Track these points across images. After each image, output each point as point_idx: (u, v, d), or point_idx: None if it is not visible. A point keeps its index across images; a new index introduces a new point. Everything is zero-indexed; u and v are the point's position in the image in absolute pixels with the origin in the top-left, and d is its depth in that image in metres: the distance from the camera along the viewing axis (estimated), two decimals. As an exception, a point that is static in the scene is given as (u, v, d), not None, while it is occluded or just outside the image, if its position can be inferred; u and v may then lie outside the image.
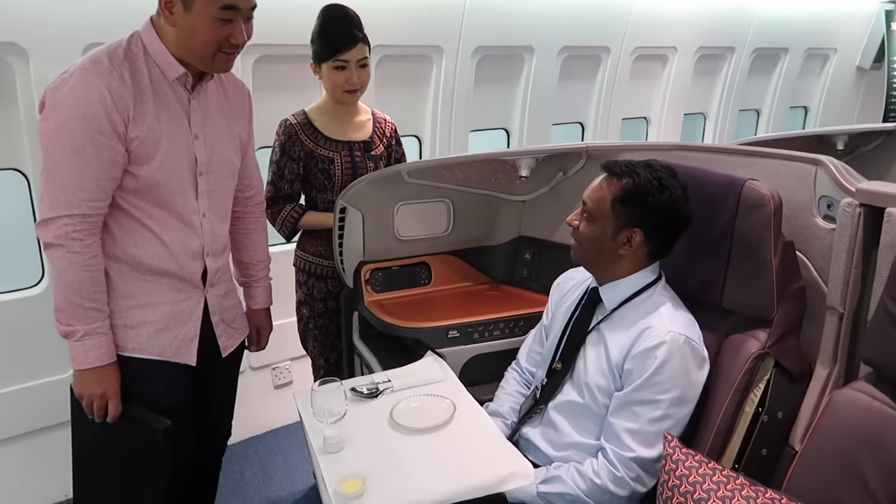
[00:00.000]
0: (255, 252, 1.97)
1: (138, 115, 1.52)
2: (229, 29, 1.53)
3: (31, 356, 2.53)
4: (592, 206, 1.57)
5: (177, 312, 1.69)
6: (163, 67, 1.57)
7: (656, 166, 1.56)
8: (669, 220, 1.55)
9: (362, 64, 2.13)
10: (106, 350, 1.59)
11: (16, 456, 2.56)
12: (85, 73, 1.49)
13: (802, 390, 1.53)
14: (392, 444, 1.56)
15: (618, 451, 1.50)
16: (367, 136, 2.25)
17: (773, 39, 4.83)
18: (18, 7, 2.21)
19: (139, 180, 1.57)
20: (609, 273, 1.62)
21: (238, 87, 1.81)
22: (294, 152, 2.19)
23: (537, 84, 3.75)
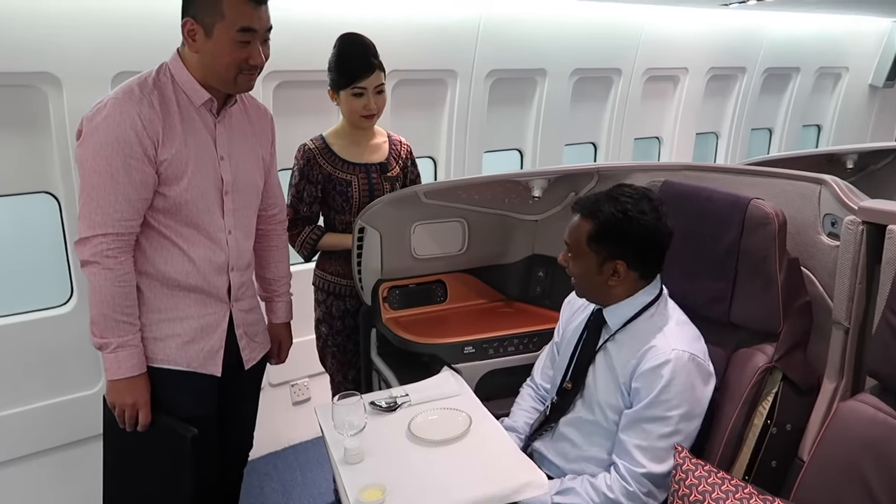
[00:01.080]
0: (277, 268, 2.05)
1: (167, 138, 1.62)
2: (248, 51, 1.62)
3: (60, 373, 2.61)
4: (571, 245, 1.63)
5: (203, 325, 1.77)
6: (189, 94, 1.67)
7: (621, 197, 1.58)
8: (646, 244, 1.58)
9: (379, 90, 2.20)
10: (137, 361, 1.67)
11: (46, 469, 2.63)
12: (118, 101, 1.59)
13: (810, 403, 1.57)
14: (410, 455, 1.61)
15: (629, 466, 1.53)
16: (383, 158, 2.32)
17: (784, 59, 4.88)
18: (53, 38, 2.32)
19: (169, 200, 1.66)
20: (607, 301, 1.66)
21: (261, 111, 1.90)
22: (312, 176, 2.26)
23: (550, 105, 3.83)
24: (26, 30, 2.28)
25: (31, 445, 2.59)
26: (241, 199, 1.80)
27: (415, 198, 2.20)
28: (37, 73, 2.35)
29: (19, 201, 2.56)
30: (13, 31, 2.25)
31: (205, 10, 1.58)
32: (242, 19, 1.58)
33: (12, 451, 2.56)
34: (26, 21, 2.27)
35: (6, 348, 2.50)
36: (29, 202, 2.60)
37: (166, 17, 2.46)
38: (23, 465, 2.59)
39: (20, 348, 2.53)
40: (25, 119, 2.43)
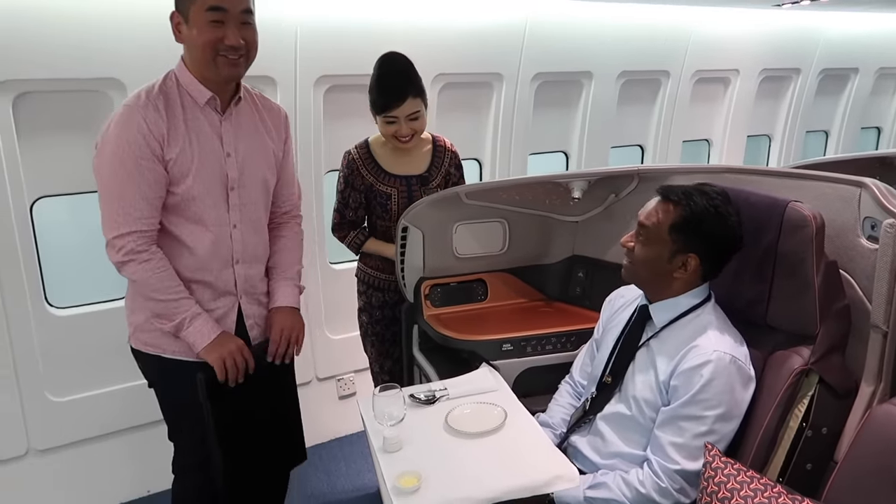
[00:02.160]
0: (281, 257, 2.02)
1: (171, 139, 1.71)
2: (222, 31, 1.66)
3: (121, 362, 2.76)
4: (649, 230, 1.63)
5: (214, 318, 1.84)
6: (193, 94, 1.75)
7: (711, 193, 1.61)
8: (724, 245, 1.61)
9: (413, 118, 2.23)
10: (212, 323, 1.79)
11: (105, 452, 2.80)
12: (126, 108, 1.71)
13: (847, 406, 1.56)
14: (446, 446, 1.67)
15: (663, 463, 1.56)
16: (424, 169, 2.37)
17: (841, 60, 4.75)
18: (117, 46, 2.48)
19: (176, 197, 1.75)
20: (660, 292, 1.68)
21: (274, 110, 1.96)
22: (356, 184, 2.35)
23: (596, 108, 3.83)
24: (94, 38, 2.43)
25: (104, 426, 2.77)
26: (247, 195, 1.85)
27: (457, 198, 2.27)
28: (104, 78, 2.51)
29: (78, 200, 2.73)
30: (84, 39, 2.41)
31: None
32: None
33: (79, 433, 2.73)
34: (94, 30, 2.43)
35: (76, 337, 2.67)
36: (88, 201, 2.77)
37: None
38: (95, 444, 2.77)
39: (88, 337, 2.70)
40: (92, 122, 2.58)
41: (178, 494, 2.02)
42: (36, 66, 2.37)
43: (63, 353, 2.66)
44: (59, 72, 2.42)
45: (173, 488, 2.02)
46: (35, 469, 2.68)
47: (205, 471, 1.92)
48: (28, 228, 2.53)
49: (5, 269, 2.48)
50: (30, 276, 2.54)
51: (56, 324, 2.64)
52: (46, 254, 2.64)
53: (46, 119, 2.51)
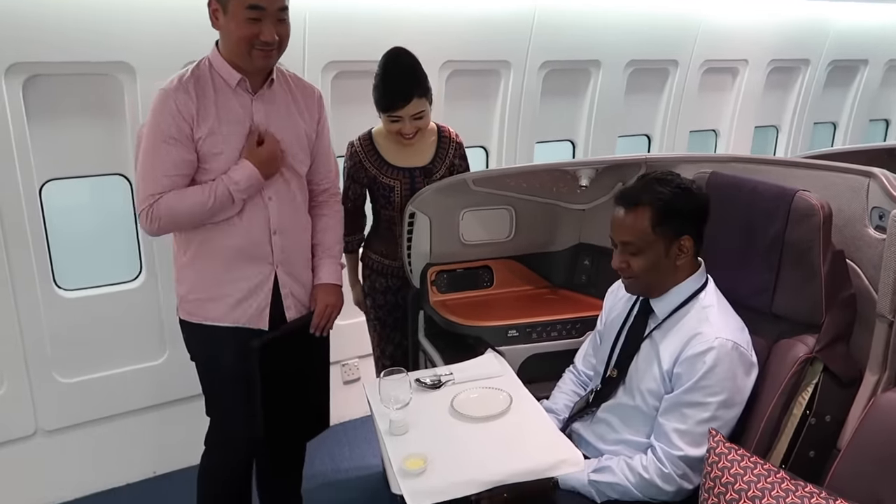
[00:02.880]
0: (325, 235, 2.10)
1: (202, 119, 1.80)
2: (259, 27, 1.73)
3: (128, 344, 2.80)
4: (634, 241, 1.62)
5: (251, 286, 1.92)
6: (224, 77, 1.83)
7: (662, 177, 1.62)
8: (702, 213, 1.63)
9: (417, 117, 2.22)
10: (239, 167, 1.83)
11: (112, 433, 2.83)
12: (161, 93, 1.81)
13: (851, 395, 1.57)
14: (452, 430, 1.69)
15: (667, 449, 1.57)
16: (427, 160, 2.36)
17: (850, 51, 4.72)
18: (128, 30, 2.48)
19: (211, 174, 1.83)
20: (667, 287, 1.68)
21: (307, 90, 2.02)
22: (358, 177, 2.36)
23: (604, 97, 3.82)
24: (105, 22, 2.44)
25: (111, 408, 2.80)
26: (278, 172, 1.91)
27: (464, 185, 2.27)
28: (114, 62, 2.51)
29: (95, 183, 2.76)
30: (94, 23, 2.42)
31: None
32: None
33: (86, 414, 2.76)
34: (105, 13, 2.43)
35: (84, 319, 2.70)
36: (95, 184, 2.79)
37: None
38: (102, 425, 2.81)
39: (96, 319, 2.72)
40: (102, 106, 2.60)
41: (207, 468, 2.08)
42: (46, 48, 2.38)
43: (71, 335, 2.68)
44: (69, 55, 2.42)
45: (202, 461, 2.08)
46: (43, 449, 2.71)
47: (232, 446, 2.00)
48: (37, 211, 2.55)
49: (14, 251, 2.50)
50: (38, 259, 2.56)
51: (64, 306, 2.66)
52: (55, 236, 2.66)
53: (56, 102, 2.51)
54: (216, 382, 1.98)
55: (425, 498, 1.45)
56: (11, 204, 2.45)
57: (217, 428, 2.03)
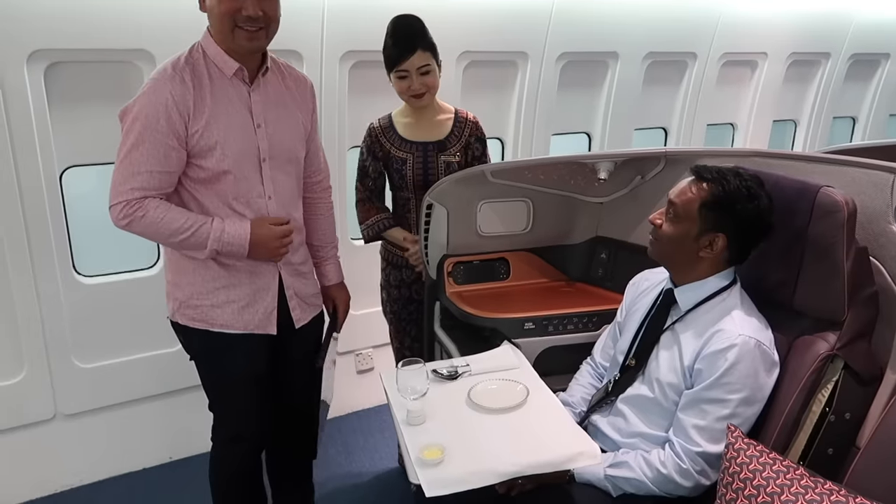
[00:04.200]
0: (324, 235, 2.12)
1: (197, 111, 1.71)
2: (240, 2, 1.65)
3: (146, 330, 2.82)
4: (680, 207, 1.63)
5: (255, 290, 1.88)
6: (220, 66, 1.75)
7: (745, 175, 1.61)
8: (753, 228, 1.61)
9: (423, 71, 2.24)
10: (238, 224, 1.77)
11: (129, 419, 2.86)
12: (153, 82, 1.71)
13: (872, 393, 1.56)
14: (469, 421, 1.69)
15: (685, 444, 1.57)
16: (442, 136, 2.37)
17: (872, 45, 4.67)
18: (148, 17, 2.49)
19: (207, 171, 1.75)
20: (685, 273, 1.68)
21: (300, 80, 1.95)
22: (376, 153, 2.38)
23: (621, 89, 3.80)
24: (126, 10, 2.45)
25: (129, 393, 2.84)
26: (277, 165, 1.85)
27: (482, 176, 2.27)
28: (134, 49, 2.53)
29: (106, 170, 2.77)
30: (114, 11, 2.43)
31: None
32: None
33: (105, 399, 2.79)
34: (125, 2, 2.44)
35: (102, 305, 2.72)
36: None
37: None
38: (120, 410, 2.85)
39: (114, 305, 2.75)
40: (121, 93, 2.60)
41: (216, 463, 2.07)
42: (68, 36, 2.39)
43: (90, 321, 2.72)
44: (90, 42, 2.44)
45: (211, 456, 2.07)
46: (61, 433, 2.75)
47: (243, 442, 2.00)
48: (58, 197, 2.57)
49: (35, 238, 2.52)
50: (59, 245, 2.59)
51: (84, 292, 2.69)
52: (74, 223, 2.68)
53: (76, 89, 2.53)
54: (226, 385, 1.95)
55: (442, 487, 1.45)
56: (33, 190, 2.48)
57: (224, 424, 2.01)
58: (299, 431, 2.17)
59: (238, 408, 1.97)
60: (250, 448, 2.03)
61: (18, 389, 2.62)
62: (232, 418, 1.99)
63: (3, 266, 2.51)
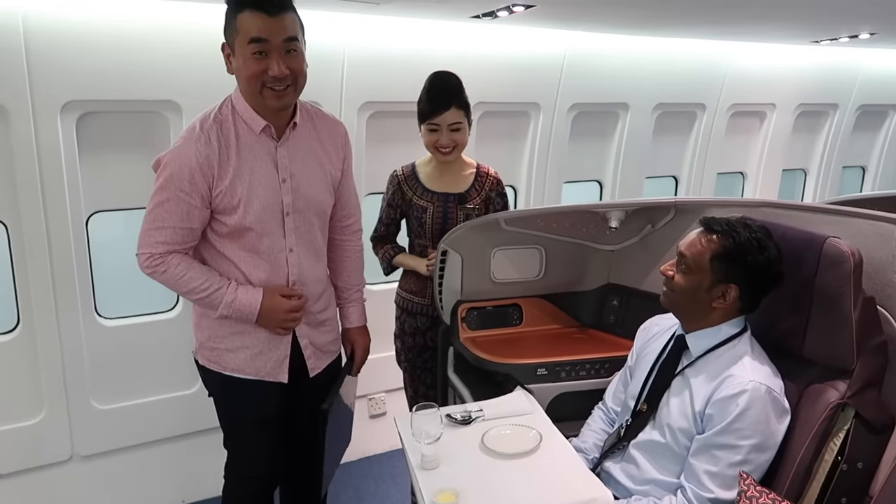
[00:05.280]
0: (350, 277, 2.15)
1: (222, 171, 1.75)
2: (266, 63, 1.67)
3: (163, 372, 2.87)
4: (691, 260, 1.66)
5: (269, 338, 1.91)
6: (248, 122, 1.78)
7: (753, 226, 1.65)
8: (764, 278, 1.64)
9: (454, 128, 2.31)
10: (251, 293, 1.83)
11: (144, 460, 2.89)
12: (183, 140, 1.77)
13: (884, 442, 1.56)
14: (482, 466, 1.71)
15: (697, 491, 1.57)
16: (463, 189, 2.43)
17: (880, 96, 4.75)
18: (176, 70, 2.62)
19: (229, 227, 1.80)
20: (698, 322, 1.71)
21: (331, 124, 1.97)
22: (394, 201, 2.46)
23: (631, 138, 3.89)
24: (155, 63, 2.58)
25: (145, 435, 2.88)
26: (301, 218, 1.88)
27: (496, 224, 2.32)
28: (163, 100, 2.64)
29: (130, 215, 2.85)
30: (144, 63, 2.56)
31: (228, 31, 1.70)
32: (252, 30, 1.65)
33: (121, 440, 2.82)
34: (156, 54, 2.57)
35: (122, 347, 2.78)
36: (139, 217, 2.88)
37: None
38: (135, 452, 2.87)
39: (133, 348, 2.80)
40: (149, 141, 2.72)
41: (229, 500, 2.09)
42: (99, 88, 2.51)
43: (109, 363, 2.77)
44: (120, 94, 2.56)
45: (224, 492, 2.09)
46: (77, 474, 2.78)
47: (254, 480, 2.02)
48: (83, 241, 2.65)
49: (60, 280, 2.60)
50: (82, 287, 2.66)
51: (104, 334, 2.75)
52: (98, 265, 2.75)
53: (106, 137, 2.65)
54: (238, 426, 1.99)
55: (456, 533, 1.47)
56: (60, 234, 2.56)
57: (236, 463, 2.04)
58: (308, 473, 2.17)
59: (250, 449, 2.00)
60: (262, 486, 2.05)
61: (37, 430, 2.66)
62: (244, 458, 2.02)
63: (28, 308, 2.58)
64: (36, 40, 2.35)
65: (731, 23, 3.25)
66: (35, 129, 2.43)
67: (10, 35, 2.31)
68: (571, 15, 2.97)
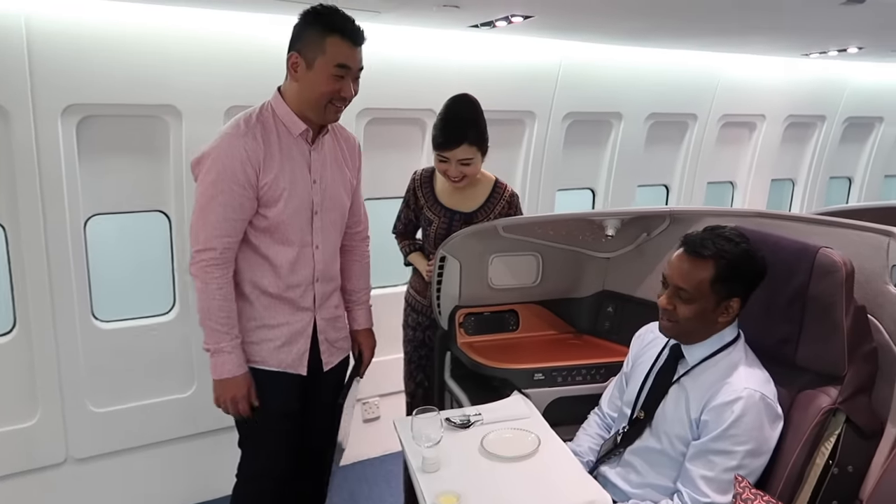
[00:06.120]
0: (358, 280, 2.24)
1: (267, 166, 1.87)
2: (341, 84, 1.84)
3: (159, 375, 2.88)
4: (690, 289, 1.66)
5: (293, 331, 2.00)
6: (288, 125, 1.92)
7: (733, 236, 1.67)
8: (757, 278, 1.69)
9: (464, 163, 2.31)
10: (231, 366, 1.91)
11: (140, 464, 2.89)
12: (228, 136, 1.87)
13: (873, 447, 1.61)
14: (482, 468, 1.74)
15: (693, 495, 1.61)
16: (473, 208, 2.43)
17: (866, 108, 4.85)
18: (176, 75, 2.64)
19: (269, 220, 1.91)
20: (703, 338, 1.73)
21: (350, 140, 2.13)
22: (409, 203, 2.52)
23: (624, 147, 3.94)
24: (156, 68, 2.59)
25: (140, 438, 2.87)
26: (328, 218, 2.02)
27: (494, 231, 2.36)
28: (163, 105, 2.66)
29: (126, 218, 2.86)
30: (145, 68, 2.57)
31: (310, 46, 1.82)
32: (340, 57, 1.81)
33: (116, 443, 2.82)
34: (157, 60, 2.59)
35: (118, 350, 2.78)
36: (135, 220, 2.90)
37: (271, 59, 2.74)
38: (130, 455, 2.87)
39: (129, 351, 2.80)
40: (148, 145, 2.74)
41: (240, 499, 2.11)
42: (101, 92, 2.53)
43: (105, 366, 2.77)
44: (121, 98, 2.57)
45: (234, 492, 2.12)
46: (71, 477, 2.77)
47: (267, 479, 2.06)
48: (81, 244, 2.66)
49: (57, 283, 2.60)
50: (80, 290, 2.66)
51: (101, 337, 2.75)
52: (94, 269, 2.76)
53: (105, 140, 2.66)
54: (258, 421, 2.01)
55: (458, 534, 1.49)
56: (58, 237, 2.57)
57: (251, 461, 2.08)
58: (313, 474, 2.22)
59: (268, 446, 2.04)
60: (274, 486, 2.08)
61: (31, 433, 2.65)
62: (262, 456, 2.05)
63: (24, 310, 2.58)
64: (38, 43, 2.36)
65: (723, 35, 3.32)
66: (35, 131, 2.44)
67: (12, 37, 2.32)
68: (568, 25, 3.02)
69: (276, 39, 2.75)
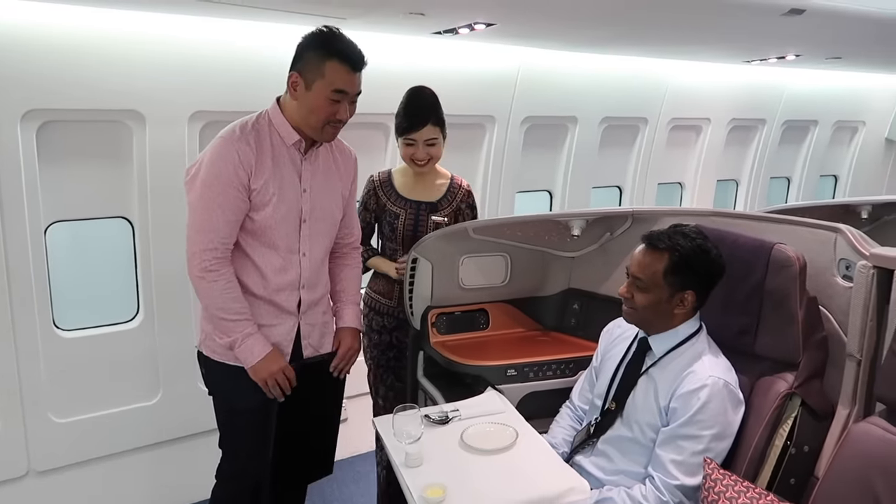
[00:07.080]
0: (349, 282, 2.25)
1: (258, 171, 1.91)
2: (337, 107, 1.90)
3: (123, 384, 2.83)
4: (645, 279, 1.79)
5: (275, 333, 2.02)
6: (282, 135, 1.96)
7: (691, 233, 1.79)
8: (713, 277, 1.80)
9: (430, 143, 2.43)
10: (262, 344, 1.95)
11: (105, 474, 2.83)
12: (223, 140, 1.91)
13: (826, 427, 1.75)
14: (463, 462, 1.80)
15: (664, 479, 1.71)
16: (436, 198, 2.53)
17: (802, 112, 5.11)
18: (139, 80, 2.61)
19: (256, 223, 1.94)
20: (662, 328, 1.85)
21: (346, 152, 2.17)
22: (369, 205, 2.55)
23: (580, 150, 4.07)
24: (118, 72, 2.56)
25: (104, 448, 2.82)
26: (316, 227, 2.04)
27: (464, 233, 2.42)
28: (125, 110, 2.62)
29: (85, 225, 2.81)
30: (107, 72, 2.54)
31: (309, 68, 1.86)
32: (339, 82, 1.86)
33: (80, 454, 2.76)
34: (119, 64, 2.55)
35: (80, 359, 2.73)
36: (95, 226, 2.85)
37: (236, 64, 2.75)
38: (94, 466, 2.81)
39: (92, 359, 2.75)
40: (111, 151, 2.70)
41: (219, 500, 2.12)
42: (62, 97, 2.48)
43: (67, 375, 2.71)
44: (83, 103, 2.53)
45: (213, 493, 2.12)
46: (33, 490, 2.70)
47: (246, 478, 2.06)
48: (41, 252, 2.60)
49: (17, 292, 2.54)
50: (40, 298, 2.60)
51: (62, 346, 2.69)
52: (55, 277, 2.70)
53: (67, 146, 2.61)
54: (237, 420, 2.04)
55: (447, 525, 1.55)
56: (18, 245, 2.51)
57: (230, 461, 2.09)
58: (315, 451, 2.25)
59: (248, 445, 2.05)
60: (252, 485, 2.08)
61: (-9, 446, 2.58)
62: (241, 454, 2.06)
63: (-18, 319, 2.51)
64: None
65: (672, 43, 3.47)
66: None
67: (-31, 42, 2.27)
68: (528, 33, 3.11)
69: (241, 44, 2.79)
